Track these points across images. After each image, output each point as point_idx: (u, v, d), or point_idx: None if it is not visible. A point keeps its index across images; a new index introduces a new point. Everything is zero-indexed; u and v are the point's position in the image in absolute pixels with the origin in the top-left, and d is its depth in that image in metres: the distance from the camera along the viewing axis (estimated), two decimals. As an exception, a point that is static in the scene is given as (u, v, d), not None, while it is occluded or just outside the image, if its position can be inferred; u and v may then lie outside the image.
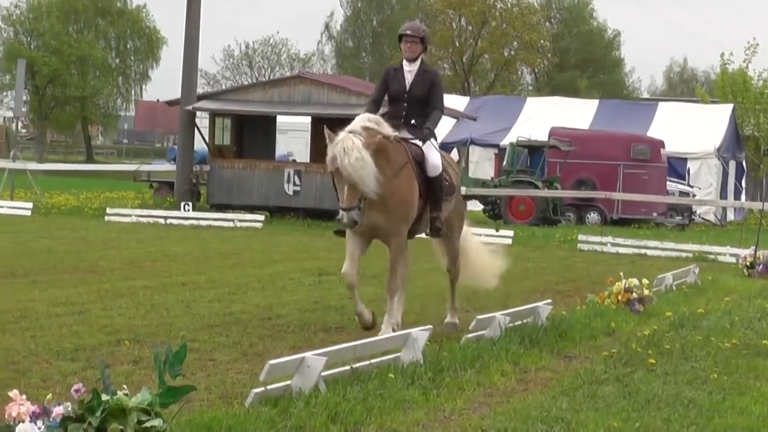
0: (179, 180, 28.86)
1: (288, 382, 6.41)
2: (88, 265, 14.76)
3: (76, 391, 4.50)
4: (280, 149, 33.53)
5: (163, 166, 37.19)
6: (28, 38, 72.46)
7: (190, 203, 27.35)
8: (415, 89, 9.26)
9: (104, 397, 4.52)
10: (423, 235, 10.14)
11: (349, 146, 8.21)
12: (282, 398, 6.12)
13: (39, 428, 4.38)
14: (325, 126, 8.53)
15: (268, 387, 6.23)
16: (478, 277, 10.56)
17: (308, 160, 29.72)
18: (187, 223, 25.70)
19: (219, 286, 9.88)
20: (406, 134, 9.19)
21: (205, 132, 29.42)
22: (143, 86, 77.67)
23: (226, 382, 7.01)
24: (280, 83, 31.99)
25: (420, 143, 9.20)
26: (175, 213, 26.65)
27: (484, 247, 11.15)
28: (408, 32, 9.34)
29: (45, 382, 6.48)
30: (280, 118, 31.36)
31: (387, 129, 8.80)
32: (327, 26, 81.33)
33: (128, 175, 39.51)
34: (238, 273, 14.98)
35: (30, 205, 26.81)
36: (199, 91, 33.11)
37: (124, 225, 24.20)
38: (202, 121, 30.33)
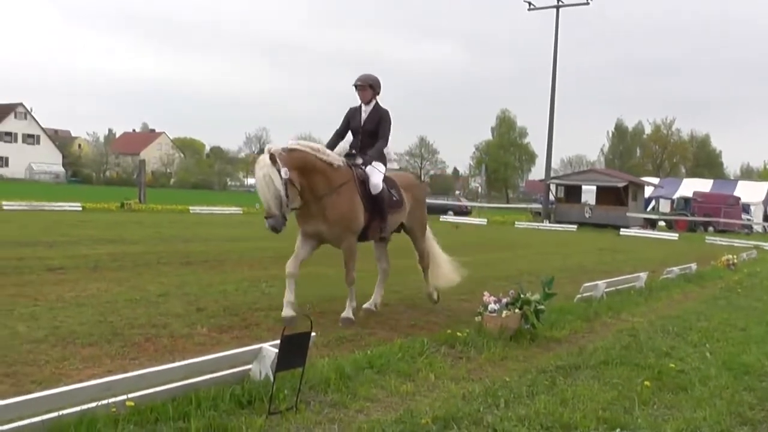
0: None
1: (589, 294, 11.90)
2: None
3: (510, 295, 8.69)
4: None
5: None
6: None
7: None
8: (368, 125, 9.80)
9: (521, 296, 8.61)
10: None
11: (260, 165, 8.38)
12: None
13: (496, 305, 8.56)
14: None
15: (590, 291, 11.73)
16: (439, 278, 11.06)
17: (594, 203, 53.77)
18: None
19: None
20: (358, 160, 9.68)
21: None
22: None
23: (570, 293, 12.11)
24: (586, 172, 66.18)
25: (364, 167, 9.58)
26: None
27: (442, 253, 11.38)
28: (358, 83, 9.78)
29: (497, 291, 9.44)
30: (584, 186, 55.35)
31: (327, 154, 9.10)
32: (602, 149, 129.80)
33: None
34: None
35: None
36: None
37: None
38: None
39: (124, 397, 5.11)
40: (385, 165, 9.95)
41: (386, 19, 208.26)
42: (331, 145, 9.85)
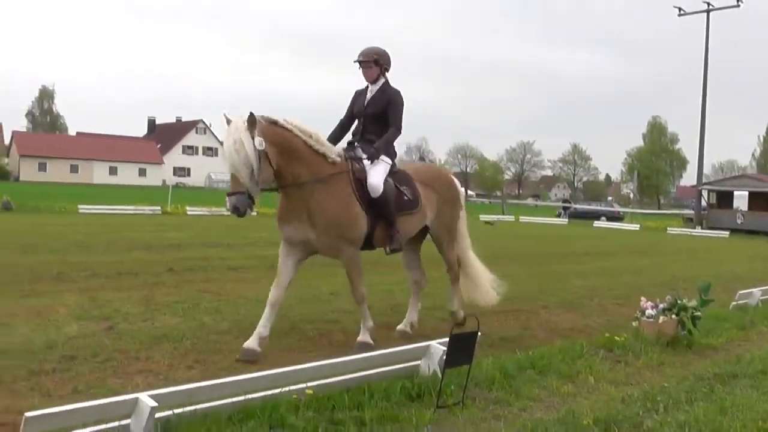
0: None
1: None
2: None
3: (667, 301, 8.27)
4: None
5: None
6: None
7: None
8: (371, 107, 7.78)
9: (678, 302, 8.15)
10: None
11: (232, 129, 6.57)
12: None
13: (653, 310, 8.24)
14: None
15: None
16: (475, 294, 8.98)
17: (746, 209, 48.54)
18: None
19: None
20: (359, 152, 7.71)
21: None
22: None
23: (724, 301, 11.39)
24: (738, 177, 58.99)
25: (367, 162, 7.60)
26: None
27: (482, 267, 9.07)
28: (361, 59, 7.81)
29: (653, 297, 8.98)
30: (736, 192, 50.42)
31: (321, 143, 7.19)
32: (753, 154, 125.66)
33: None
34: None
35: None
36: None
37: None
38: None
39: (303, 385, 5.26)
40: (394, 157, 7.95)
41: (538, 28, 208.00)
42: (333, 138, 7.86)
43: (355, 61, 7.84)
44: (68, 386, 5.79)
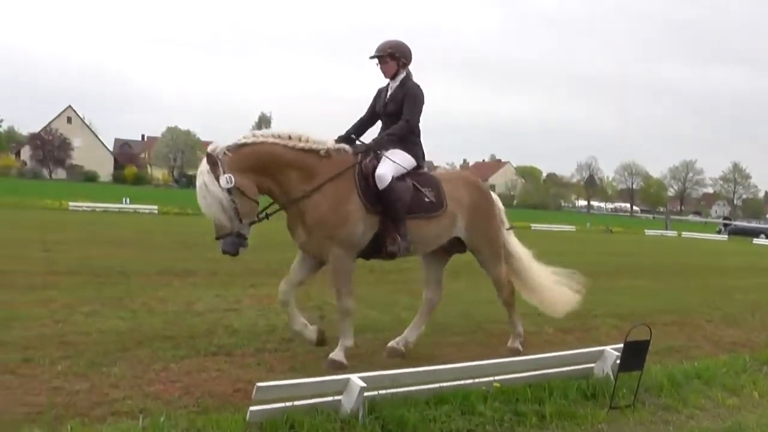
0: None
1: None
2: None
3: None
4: None
5: None
6: None
7: None
8: (390, 104, 6.51)
9: None
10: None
11: (198, 172, 5.74)
12: None
13: None
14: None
15: None
16: (547, 307, 7.64)
17: None
18: None
19: None
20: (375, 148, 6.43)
21: None
22: None
23: None
24: None
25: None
26: None
27: (553, 277, 7.63)
28: (376, 54, 6.55)
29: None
30: None
31: (305, 140, 6.06)
32: None
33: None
34: None
35: None
36: None
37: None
38: None
39: (491, 378, 5.33)
40: (422, 159, 6.64)
41: (701, 52, 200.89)
42: (352, 133, 6.66)
43: (370, 58, 6.59)
44: (287, 364, 6.15)
